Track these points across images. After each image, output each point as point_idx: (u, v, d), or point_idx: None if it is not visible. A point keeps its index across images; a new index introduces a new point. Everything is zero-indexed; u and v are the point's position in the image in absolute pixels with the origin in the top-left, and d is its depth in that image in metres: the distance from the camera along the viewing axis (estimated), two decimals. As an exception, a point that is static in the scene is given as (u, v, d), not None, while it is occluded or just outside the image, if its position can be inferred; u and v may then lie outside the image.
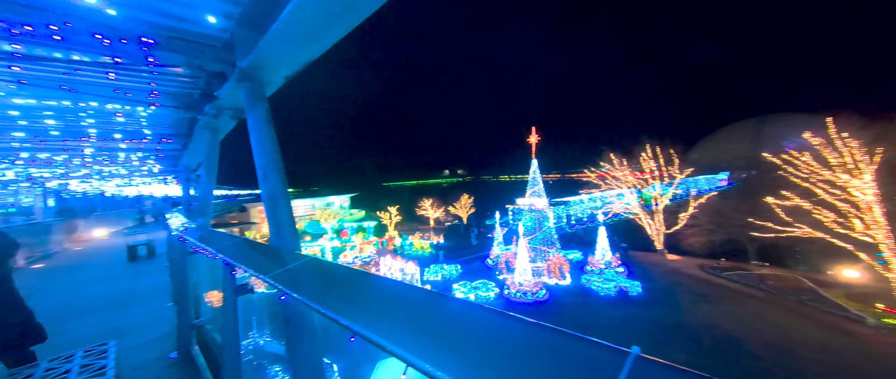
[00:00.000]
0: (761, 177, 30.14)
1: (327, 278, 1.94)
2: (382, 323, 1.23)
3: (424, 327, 1.18)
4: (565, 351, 0.92)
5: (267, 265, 2.44)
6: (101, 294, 8.92)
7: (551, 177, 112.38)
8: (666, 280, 24.88)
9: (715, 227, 30.78)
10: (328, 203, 67.08)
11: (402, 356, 1.03)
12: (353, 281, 1.75)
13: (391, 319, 1.26)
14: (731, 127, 50.45)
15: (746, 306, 19.82)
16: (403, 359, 1.02)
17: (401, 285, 1.56)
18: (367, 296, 1.56)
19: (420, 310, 1.31)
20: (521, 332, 1.05)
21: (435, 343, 1.08)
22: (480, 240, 42.69)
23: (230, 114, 6.08)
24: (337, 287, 1.77)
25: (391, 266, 23.28)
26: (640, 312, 19.44)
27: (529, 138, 29.74)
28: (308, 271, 2.08)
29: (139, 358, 5.19)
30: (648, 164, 34.26)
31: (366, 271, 1.79)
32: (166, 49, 4.07)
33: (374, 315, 1.33)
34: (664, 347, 15.32)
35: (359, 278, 1.75)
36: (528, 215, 30.12)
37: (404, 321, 1.24)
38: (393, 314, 1.33)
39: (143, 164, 13.26)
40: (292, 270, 2.10)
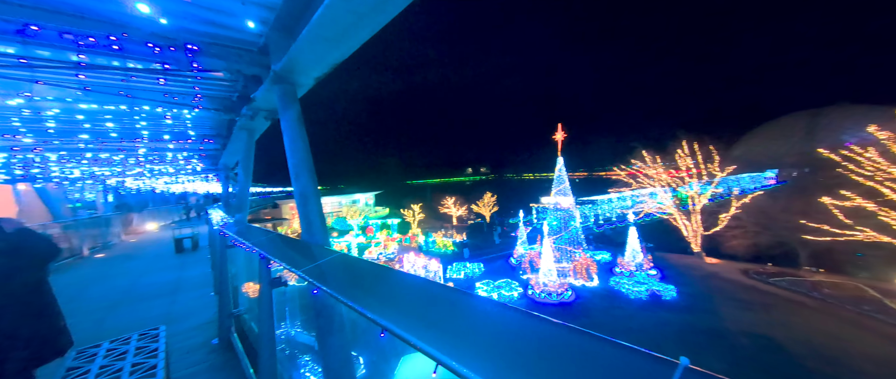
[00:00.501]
0: (816, 175, 27.44)
1: (355, 274, 1.99)
2: (411, 320, 1.24)
3: (454, 325, 1.17)
4: (603, 358, 0.88)
5: (299, 260, 2.53)
6: (152, 282, 9.72)
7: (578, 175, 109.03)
8: (704, 285, 23.38)
9: (761, 228, 28.47)
10: (354, 200, 69.19)
11: (431, 353, 1.03)
12: (380, 277, 1.78)
13: (419, 316, 1.27)
14: (780, 120, 46.07)
15: (797, 315, 18.20)
16: (432, 356, 1.02)
17: (427, 283, 1.56)
18: (395, 292, 1.58)
19: (448, 307, 1.31)
20: (554, 335, 1.02)
21: (465, 342, 1.08)
22: (503, 239, 42.23)
23: (265, 115, 6.38)
24: (365, 282, 1.80)
25: (414, 263, 23.60)
26: (675, 318, 18.40)
27: (555, 135, 28.97)
28: (338, 267, 2.15)
29: (186, 343, 5.61)
30: (685, 162, 32.26)
31: (392, 268, 1.82)
32: (208, 55, 4.34)
33: (402, 311, 1.34)
34: (700, 355, 14.42)
35: (385, 274, 1.78)
36: (553, 214, 29.39)
37: (433, 318, 1.24)
38: (420, 311, 1.33)
39: (187, 162, 14.31)
40: (322, 265, 2.17)
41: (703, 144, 31.43)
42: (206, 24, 4.06)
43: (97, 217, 17.57)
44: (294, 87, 4.58)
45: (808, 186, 26.22)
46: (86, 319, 7.25)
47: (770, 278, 23.67)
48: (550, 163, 29.53)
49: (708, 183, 31.24)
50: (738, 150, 42.49)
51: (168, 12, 3.66)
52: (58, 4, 3.49)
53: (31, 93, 4.98)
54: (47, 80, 4.14)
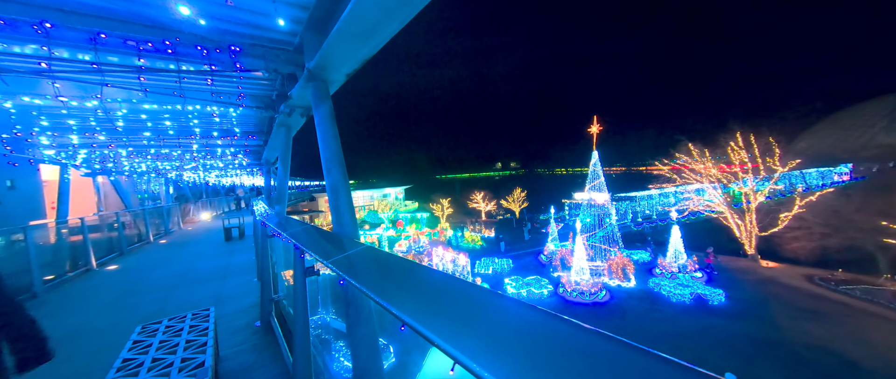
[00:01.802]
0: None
1: (381, 267, 2.01)
2: (432, 316, 1.23)
3: (475, 324, 1.14)
4: (636, 368, 0.80)
5: (329, 250, 2.62)
6: (205, 267, 10.66)
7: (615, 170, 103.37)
8: (759, 290, 21.32)
9: (830, 230, 25.30)
10: (385, 194, 71.13)
11: (446, 349, 1.00)
12: (405, 271, 1.79)
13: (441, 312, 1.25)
14: (859, 107, 40.08)
15: (871, 327, 16.03)
16: (448, 352, 0.99)
17: (450, 279, 1.54)
18: (418, 286, 1.57)
19: (468, 304, 1.27)
20: (583, 340, 0.95)
21: (485, 343, 1.04)
22: (533, 235, 41.31)
23: (300, 112, 6.68)
24: (390, 275, 1.82)
25: (443, 257, 23.82)
26: (723, 324, 16.98)
27: (590, 128, 27.60)
28: (365, 259, 2.19)
29: (232, 324, 6.10)
30: (738, 155, 29.37)
31: (416, 262, 1.82)
32: (249, 55, 4.60)
33: (425, 306, 1.33)
34: (752, 366, 13.22)
35: (410, 268, 1.78)
36: (587, 210, 28.18)
37: (454, 315, 1.22)
38: (443, 306, 1.31)
39: (234, 157, 15.48)
40: (351, 257, 2.23)
41: (761, 136, 28.40)
42: (246, 26, 4.31)
43: (160, 207, 19.65)
44: (326, 84, 4.74)
45: (892, 183, 22.75)
46: (150, 298, 8.16)
47: (840, 286, 21.01)
48: (584, 157, 28.25)
49: (766, 179, 28.24)
50: (804, 142, 37.88)
51: (208, 15, 3.93)
52: (122, 13, 3.88)
53: (101, 95, 5.65)
54: (115, 83, 4.65)
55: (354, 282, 1.64)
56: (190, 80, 5.03)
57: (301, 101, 5.62)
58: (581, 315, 18.78)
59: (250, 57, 4.44)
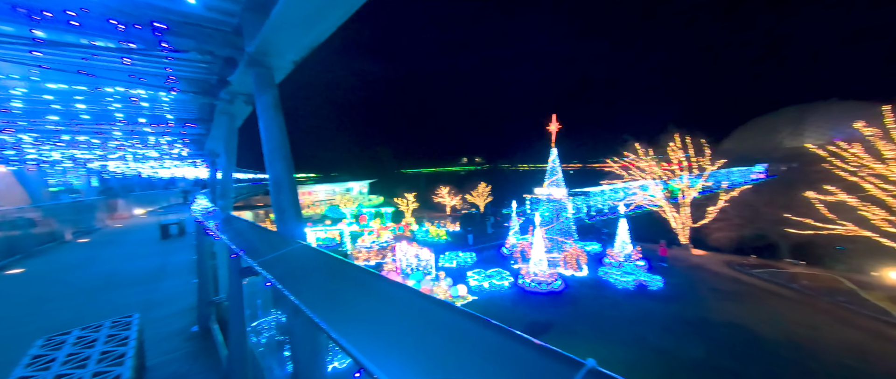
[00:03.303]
0: (802, 170, 27.92)
1: (311, 267, 1.93)
2: (335, 312, 1.20)
3: (372, 317, 1.13)
4: (517, 357, 0.85)
5: (261, 249, 2.47)
6: (135, 269, 9.60)
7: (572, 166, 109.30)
8: (689, 276, 23.96)
9: (745, 222, 29.08)
10: (347, 189, 68.67)
11: (342, 345, 0.99)
12: (336, 271, 1.73)
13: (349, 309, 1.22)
14: (770, 116, 46.72)
15: (775, 306, 18.82)
16: (343, 347, 0.98)
17: (370, 276, 1.51)
18: (336, 282, 1.53)
19: (386, 301, 1.26)
20: (469, 329, 0.99)
21: (378, 334, 1.03)
22: (496, 229, 42.57)
23: (244, 99, 6.19)
24: (316, 276, 1.75)
25: (407, 252, 23.68)
26: (660, 307, 18.89)
27: (549, 126, 28.88)
28: (295, 258, 2.09)
29: (164, 330, 5.56)
30: (677, 155, 32.52)
31: (353, 263, 1.77)
32: (178, 34, 4.12)
33: (334, 303, 1.29)
34: (682, 343, 14.89)
35: (343, 270, 1.72)
36: (545, 205, 29.58)
37: (361, 310, 1.20)
38: (353, 302, 1.29)
39: (171, 147, 13.96)
40: (280, 257, 2.11)
41: (695, 138, 31.68)
42: (173, 1, 3.85)
43: (80, 201, 17.18)
44: (270, 70, 4.41)
45: (794, 181, 26.70)
46: (65, 305, 7.15)
47: (752, 270, 24.33)
48: (545, 154, 29.54)
49: (698, 176, 31.63)
50: (728, 144, 43.00)
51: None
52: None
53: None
54: (1, 57, 3.91)
55: (275, 282, 1.56)
56: (102, 58, 4.38)
57: (242, 87, 5.18)
58: (538, 304, 19.81)
59: (179, 36, 3.97)
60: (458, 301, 19.95)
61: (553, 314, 18.21)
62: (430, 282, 21.24)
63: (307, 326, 2.84)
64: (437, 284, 20.86)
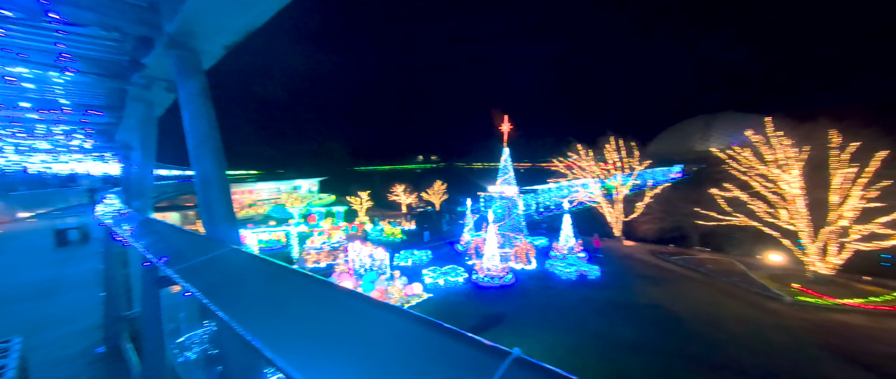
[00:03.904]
0: (708, 170, 32.82)
1: (243, 273, 1.77)
2: (269, 323, 1.13)
3: (312, 329, 1.08)
4: (447, 350, 0.87)
5: (186, 256, 2.21)
6: (18, 284, 7.95)
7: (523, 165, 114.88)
8: (621, 264, 26.73)
9: (665, 215, 33.30)
10: (295, 186, 64.31)
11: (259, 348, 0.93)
12: (272, 278, 1.60)
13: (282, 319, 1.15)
14: (685, 123, 54.43)
15: (687, 287, 21.87)
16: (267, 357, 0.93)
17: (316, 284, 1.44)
18: (280, 297, 1.43)
19: (314, 309, 1.21)
20: (397, 325, 1.00)
21: (312, 346, 1.00)
22: (451, 226, 43.19)
23: (164, 86, 5.46)
24: (249, 284, 1.62)
25: (360, 252, 22.92)
26: (597, 294, 20.82)
27: (501, 127, 30.00)
28: (224, 265, 1.90)
29: (60, 353, 4.69)
30: (612, 156, 35.97)
31: (291, 268, 1.65)
32: (72, 4, 3.48)
33: (272, 317, 1.21)
34: (615, 325, 16.60)
35: (280, 275, 1.61)
36: (498, 202, 30.75)
37: (288, 319, 1.14)
38: (289, 314, 1.22)
39: (69, 138, 11.73)
40: (207, 263, 1.91)
41: (627, 141, 35.34)
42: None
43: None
44: (196, 55, 3.93)
45: (702, 180, 31.30)
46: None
47: (670, 257, 27.97)
48: (498, 153, 30.63)
49: (629, 175, 35.39)
50: (653, 146, 48.92)
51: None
52: None
53: None
54: None
55: (194, 290, 1.40)
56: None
57: (161, 71, 4.55)
58: (491, 298, 20.57)
59: (73, 6, 3.35)
60: (413, 300, 19.88)
61: (505, 307, 19.05)
62: (385, 282, 20.85)
63: (238, 342, 2.62)
64: (392, 284, 20.55)
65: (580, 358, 14.03)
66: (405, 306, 17.54)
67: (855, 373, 12.82)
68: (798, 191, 22.18)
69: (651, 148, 45.74)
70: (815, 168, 21.69)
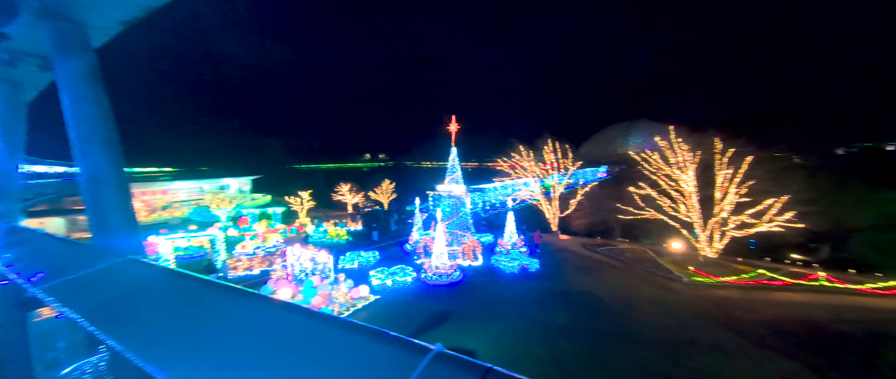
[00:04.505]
0: (628, 170, 37.50)
1: (144, 289, 1.53)
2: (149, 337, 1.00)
3: (226, 349, 0.99)
4: (370, 351, 0.87)
5: (65, 269, 1.84)
6: None
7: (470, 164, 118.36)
8: (558, 257, 29.15)
9: (594, 211, 37.22)
10: (222, 186, 57.51)
11: None
12: (181, 293, 1.41)
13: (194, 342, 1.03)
14: (609, 128, 61.73)
15: (611, 274, 24.75)
16: None
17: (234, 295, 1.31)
18: (189, 314, 1.27)
19: (230, 326, 1.11)
20: (315, 329, 0.97)
21: (212, 346, 0.91)
22: (400, 225, 42.65)
23: (37, 62, 4.49)
24: (150, 302, 1.40)
25: (300, 255, 21.36)
26: (537, 285, 22.42)
27: (449, 126, 30.48)
28: (117, 280, 1.62)
29: None
30: (549, 157, 38.97)
31: (204, 278, 1.47)
32: None
33: (179, 340, 1.07)
34: (552, 313, 18.06)
35: (191, 288, 1.42)
36: (446, 201, 31.21)
37: (197, 341, 1.03)
38: (199, 335, 1.09)
39: None
40: (94, 279, 1.61)
41: (562, 143, 38.61)
42: None
43: None
44: (81, 28, 3.28)
45: (623, 179, 35.67)
46: None
47: (598, 248, 31.34)
48: (446, 152, 31.05)
49: (564, 175, 38.73)
50: (584, 148, 54.29)
51: None
52: None
53: None
54: None
55: (71, 313, 1.17)
56: None
57: (31, 45, 3.69)
58: (439, 296, 20.82)
59: None
60: (359, 303, 19.20)
61: (452, 304, 19.45)
62: (329, 286, 19.78)
63: (137, 375, 2.28)
64: (337, 288, 19.59)
65: (522, 346, 14.97)
66: (351, 310, 16.87)
67: (728, 336, 15.81)
68: (692, 189, 26.56)
69: (582, 150, 50.72)
70: (705, 169, 26.20)
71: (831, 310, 18.34)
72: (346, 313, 18.04)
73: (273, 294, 19.00)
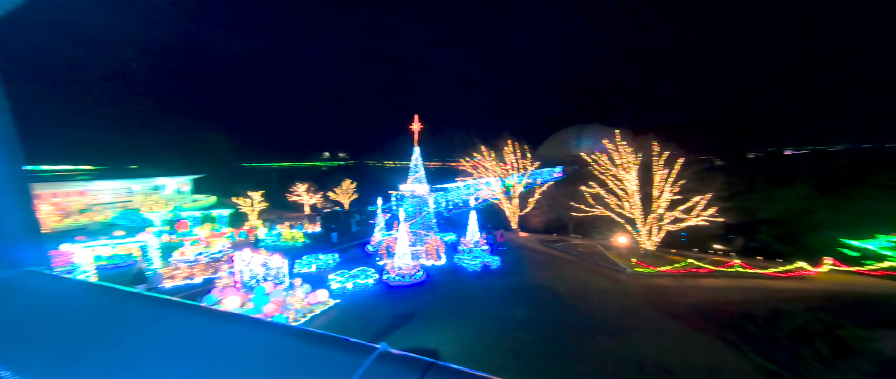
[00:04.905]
0: (580, 171, 40.20)
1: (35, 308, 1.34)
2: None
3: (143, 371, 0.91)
4: (310, 356, 0.85)
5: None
6: None
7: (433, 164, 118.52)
8: (517, 254, 30.34)
9: (550, 209, 39.35)
10: (156, 186, 51.58)
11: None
12: (91, 313, 1.25)
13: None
14: (563, 131, 65.93)
15: (565, 268, 26.34)
16: None
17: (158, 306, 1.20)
18: (102, 338, 1.14)
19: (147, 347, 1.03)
20: (252, 336, 0.94)
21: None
22: (362, 226, 41.47)
23: None
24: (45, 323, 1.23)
25: (250, 261, 19.86)
26: (498, 282, 23.14)
27: (412, 125, 30.26)
28: (6, 297, 1.40)
29: None
30: (510, 157, 40.41)
31: (123, 290, 1.31)
32: None
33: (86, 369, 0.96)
34: (512, 308, 18.77)
35: (103, 304, 1.27)
36: (409, 201, 30.96)
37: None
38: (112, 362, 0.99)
39: None
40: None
41: (521, 144, 40.26)
42: None
43: None
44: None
45: (576, 179, 38.15)
46: None
47: (553, 244, 33.18)
48: (409, 151, 30.77)
49: (523, 174, 40.41)
50: (542, 150, 57.15)
51: None
52: None
53: None
54: None
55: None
56: None
57: None
58: (402, 297, 20.62)
59: None
60: (317, 308, 18.35)
61: (415, 304, 19.37)
62: (283, 292, 18.64)
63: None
64: (292, 293, 18.53)
65: (484, 341, 15.38)
66: (309, 316, 16.00)
67: (665, 319, 17.66)
68: (635, 188, 29.21)
69: (540, 151, 53.43)
70: (645, 170, 28.94)
71: (743, 292, 21.29)
72: (302, 320, 17.13)
73: (218, 303, 17.44)
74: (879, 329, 15.32)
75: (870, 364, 13.08)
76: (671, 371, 13.18)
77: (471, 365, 0.82)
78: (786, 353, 14.01)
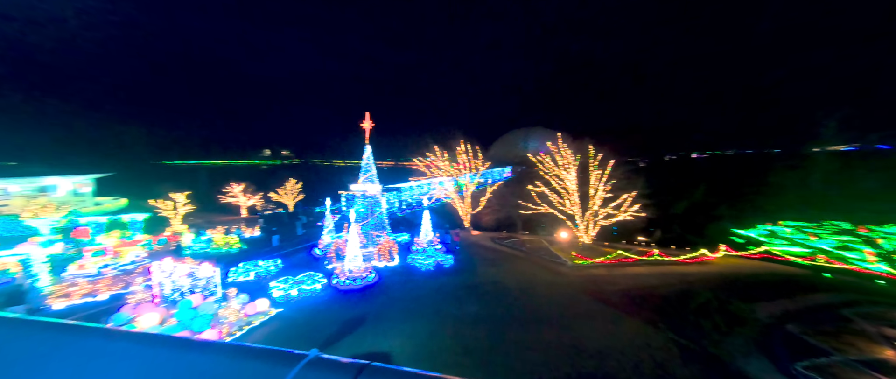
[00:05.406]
0: (527, 171, 42.62)
1: None
2: None
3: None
4: (235, 368, 0.79)
5: None
6: None
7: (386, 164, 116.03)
8: (470, 251, 31.12)
9: (500, 207, 41.13)
10: (43, 187, 42.78)
11: None
12: None
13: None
14: (511, 133, 69.68)
15: (514, 264, 27.73)
16: None
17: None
18: None
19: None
20: (181, 359, 0.85)
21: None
22: (308, 229, 38.98)
23: None
24: None
25: (173, 272, 17.44)
26: (451, 280, 23.48)
27: (363, 124, 29.27)
28: None
29: None
30: (462, 157, 41.26)
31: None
32: None
33: None
34: (464, 305, 19.20)
35: None
36: (360, 201, 29.88)
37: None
38: None
39: None
40: None
41: (473, 145, 41.39)
42: None
43: None
44: None
45: (524, 178, 40.38)
46: None
47: (503, 241, 34.71)
48: (360, 150, 29.69)
49: (475, 174, 41.57)
50: (492, 150, 59.45)
51: None
52: None
53: None
54: None
55: None
56: None
57: None
58: (352, 301, 19.84)
59: None
60: (257, 319, 16.84)
61: (367, 307, 18.81)
62: (215, 304, 16.74)
63: None
64: (226, 305, 16.74)
65: (437, 340, 15.50)
66: (246, 328, 14.68)
67: (600, 306, 19.56)
68: (574, 186, 31.88)
69: (490, 151, 55.53)
70: (583, 170, 31.73)
71: (661, 277, 24.48)
72: (238, 334, 15.55)
73: (131, 323, 15.02)
74: (759, 302, 18.86)
75: (752, 331, 16.05)
76: (602, 352, 14.66)
77: (423, 364, 0.83)
78: (692, 327, 16.49)
